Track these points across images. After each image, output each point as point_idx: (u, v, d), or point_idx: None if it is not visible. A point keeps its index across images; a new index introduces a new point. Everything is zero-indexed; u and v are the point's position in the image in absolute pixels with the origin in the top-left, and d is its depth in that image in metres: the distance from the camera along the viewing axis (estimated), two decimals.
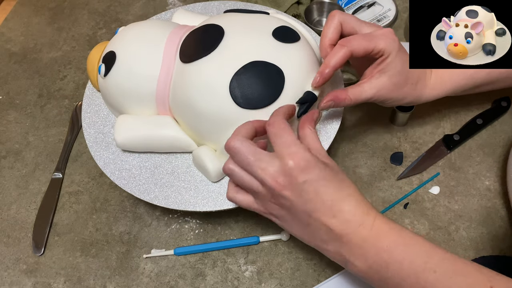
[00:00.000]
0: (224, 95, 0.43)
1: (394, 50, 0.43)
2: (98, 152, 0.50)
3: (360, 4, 0.72)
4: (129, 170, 0.48)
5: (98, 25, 0.76)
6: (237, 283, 0.49)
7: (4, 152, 0.62)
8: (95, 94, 0.54)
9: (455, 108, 0.61)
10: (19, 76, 0.70)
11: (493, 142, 0.57)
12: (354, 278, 0.47)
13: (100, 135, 0.51)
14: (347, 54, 0.42)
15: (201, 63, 0.45)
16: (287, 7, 0.69)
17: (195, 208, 0.46)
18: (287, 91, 0.44)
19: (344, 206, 0.37)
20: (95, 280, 0.50)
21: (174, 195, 0.47)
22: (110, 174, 0.48)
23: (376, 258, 0.36)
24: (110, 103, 0.51)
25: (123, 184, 0.47)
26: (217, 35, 0.46)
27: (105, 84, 0.49)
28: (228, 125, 0.44)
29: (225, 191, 0.46)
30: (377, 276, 0.37)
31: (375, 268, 0.36)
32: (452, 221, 0.52)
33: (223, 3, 0.61)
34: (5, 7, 0.82)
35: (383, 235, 0.37)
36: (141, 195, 0.46)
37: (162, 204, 0.46)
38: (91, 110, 0.53)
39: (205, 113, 0.44)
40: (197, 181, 0.48)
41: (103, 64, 0.48)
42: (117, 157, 0.49)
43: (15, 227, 0.55)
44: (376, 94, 0.45)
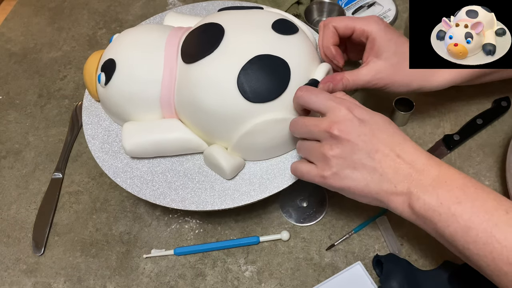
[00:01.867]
0: (233, 91, 0.43)
1: (380, 30, 0.44)
2: (106, 162, 0.49)
3: (360, 4, 0.72)
4: (141, 177, 0.48)
5: (98, 25, 0.76)
6: (237, 283, 0.49)
7: (4, 152, 0.62)
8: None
9: (455, 108, 0.61)
10: (19, 76, 0.70)
11: (493, 142, 0.57)
12: (354, 278, 0.47)
13: (106, 145, 0.50)
14: (331, 29, 0.45)
15: (205, 62, 0.44)
16: (287, 7, 0.69)
17: (214, 207, 0.45)
18: (294, 81, 0.44)
19: (406, 147, 0.38)
20: (95, 280, 0.50)
21: (191, 197, 0.46)
22: (121, 182, 0.47)
23: (448, 195, 0.35)
24: (112, 111, 0.50)
25: (137, 191, 0.47)
26: (218, 33, 0.46)
27: (106, 93, 0.48)
28: (239, 121, 0.44)
29: (240, 188, 0.46)
30: (446, 212, 0.35)
31: (446, 204, 0.35)
32: None
33: (222, 3, 0.61)
34: (5, 7, 0.82)
35: (453, 176, 0.36)
36: (157, 200, 0.46)
37: (180, 206, 0.46)
38: (92, 121, 0.52)
39: (214, 112, 0.44)
40: (211, 181, 0.47)
41: (103, 73, 0.48)
42: (126, 165, 0.49)
43: (15, 227, 0.55)
44: (374, 77, 0.45)
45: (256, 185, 0.46)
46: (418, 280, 0.45)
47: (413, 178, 0.37)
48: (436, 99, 0.61)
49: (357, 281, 0.47)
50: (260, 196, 0.46)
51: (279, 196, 0.54)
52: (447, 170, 0.37)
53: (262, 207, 0.54)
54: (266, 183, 0.46)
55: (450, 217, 0.35)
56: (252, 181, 0.47)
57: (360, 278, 0.47)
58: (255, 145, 0.45)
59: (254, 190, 0.46)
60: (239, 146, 0.46)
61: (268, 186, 0.46)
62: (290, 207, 0.53)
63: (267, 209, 0.54)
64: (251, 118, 0.43)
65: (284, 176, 0.47)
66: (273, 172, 0.47)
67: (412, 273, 0.46)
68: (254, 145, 0.45)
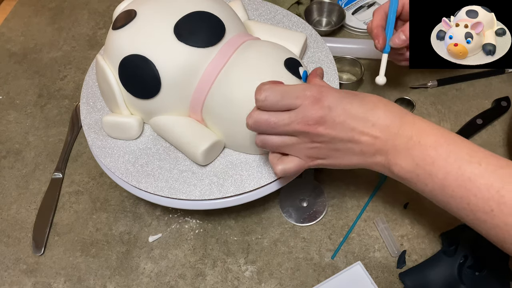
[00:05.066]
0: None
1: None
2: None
3: (360, 4, 0.72)
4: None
5: (98, 25, 0.76)
6: (237, 283, 0.49)
7: (4, 152, 0.62)
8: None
9: (455, 108, 0.61)
10: (19, 76, 0.70)
11: (493, 142, 0.57)
12: (354, 278, 0.47)
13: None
14: (384, 10, 0.51)
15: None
16: (287, 7, 0.69)
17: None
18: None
19: (378, 113, 0.38)
20: (95, 280, 0.50)
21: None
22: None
23: (422, 156, 0.37)
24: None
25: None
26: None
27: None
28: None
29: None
30: (422, 173, 0.37)
31: (421, 165, 0.37)
32: (452, 221, 0.51)
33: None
34: (5, 7, 0.82)
35: (426, 133, 0.37)
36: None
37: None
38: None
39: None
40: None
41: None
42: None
43: (15, 227, 0.55)
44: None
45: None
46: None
47: (389, 146, 0.38)
48: (436, 99, 0.61)
49: (357, 281, 0.47)
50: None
51: (279, 196, 0.54)
52: (420, 127, 0.38)
53: (262, 207, 0.54)
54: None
55: (427, 177, 0.37)
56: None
57: (360, 278, 0.47)
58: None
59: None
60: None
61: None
62: (290, 207, 0.53)
63: (267, 209, 0.54)
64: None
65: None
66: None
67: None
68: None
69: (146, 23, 0.46)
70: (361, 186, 0.55)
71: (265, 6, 0.60)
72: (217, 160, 0.48)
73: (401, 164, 0.38)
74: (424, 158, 0.37)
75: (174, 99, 0.46)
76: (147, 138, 0.50)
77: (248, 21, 0.55)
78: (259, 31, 0.53)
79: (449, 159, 0.36)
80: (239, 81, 0.44)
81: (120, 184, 0.48)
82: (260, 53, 0.46)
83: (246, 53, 0.45)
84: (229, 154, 0.48)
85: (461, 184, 0.35)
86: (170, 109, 0.47)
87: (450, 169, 0.36)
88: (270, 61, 0.45)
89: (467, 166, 0.35)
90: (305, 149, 0.40)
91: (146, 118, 0.49)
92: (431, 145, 0.37)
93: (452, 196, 0.36)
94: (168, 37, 0.44)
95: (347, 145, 0.39)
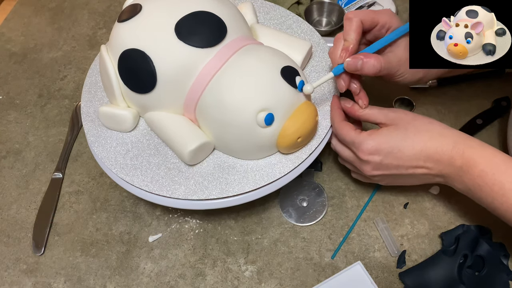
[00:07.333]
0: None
1: (399, 23, 0.48)
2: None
3: (360, 4, 0.72)
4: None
5: (98, 25, 0.76)
6: (237, 283, 0.49)
7: (4, 152, 0.62)
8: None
9: (455, 108, 0.61)
10: (19, 76, 0.70)
11: (493, 142, 0.57)
12: (354, 278, 0.47)
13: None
14: (358, 23, 0.46)
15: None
16: (287, 7, 0.69)
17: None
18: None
19: (429, 150, 0.44)
20: (95, 280, 0.50)
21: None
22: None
23: (471, 183, 0.43)
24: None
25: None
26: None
27: None
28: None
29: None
30: (474, 195, 0.44)
31: (472, 189, 0.43)
32: (452, 221, 0.52)
33: None
34: (5, 7, 0.82)
35: (474, 164, 0.42)
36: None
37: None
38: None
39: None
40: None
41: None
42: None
43: (15, 227, 0.55)
44: (397, 63, 0.48)
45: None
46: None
47: (443, 173, 0.45)
48: (436, 99, 0.61)
49: (357, 281, 0.47)
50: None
51: (279, 196, 0.54)
52: (468, 158, 0.43)
53: (262, 207, 0.54)
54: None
55: (479, 198, 0.43)
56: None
57: (360, 278, 0.47)
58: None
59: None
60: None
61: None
62: (290, 207, 0.53)
63: (267, 209, 0.54)
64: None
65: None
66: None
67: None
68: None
69: (149, 19, 0.46)
70: (361, 186, 0.55)
71: (276, 10, 0.59)
72: (205, 161, 0.48)
73: (457, 186, 0.45)
74: (473, 185, 0.42)
75: (169, 96, 0.46)
76: (141, 132, 0.50)
77: (255, 25, 0.54)
78: (264, 35, 0.52)
79: (494, 187, 0.41)
80: (231, 85, 0.44)
81: (109, 175, 0.48)
82: (258, 58, 0.45)
83: (244, 57, 0.45)
84: (218, 156, 0.48)
85: (507, 210, 0.41)
86: (165, 106, 0.47)
87: (495, 195, 0.41)
88: (266, 68, 0.45)
89: (510, 193, 0.40)
90: (365, 173, 0.48)
91: (142, 112, 0.50)
92: (478, 175, 0.42)
93: (499, 213, 0.42)
94: (169, 35, 0.44)
95: (403, 173, 0.46)
